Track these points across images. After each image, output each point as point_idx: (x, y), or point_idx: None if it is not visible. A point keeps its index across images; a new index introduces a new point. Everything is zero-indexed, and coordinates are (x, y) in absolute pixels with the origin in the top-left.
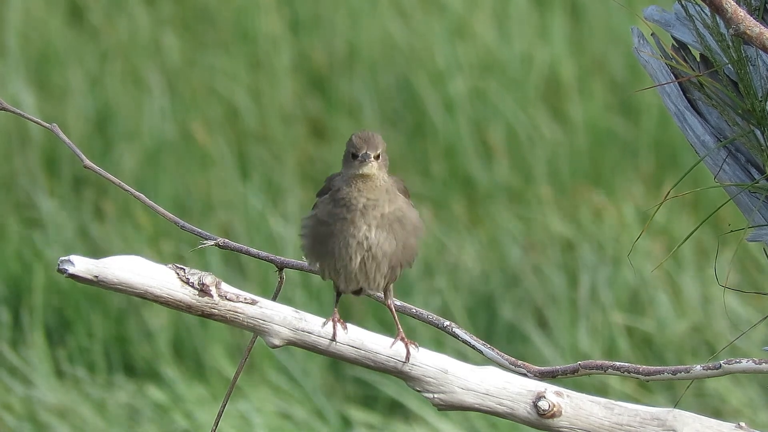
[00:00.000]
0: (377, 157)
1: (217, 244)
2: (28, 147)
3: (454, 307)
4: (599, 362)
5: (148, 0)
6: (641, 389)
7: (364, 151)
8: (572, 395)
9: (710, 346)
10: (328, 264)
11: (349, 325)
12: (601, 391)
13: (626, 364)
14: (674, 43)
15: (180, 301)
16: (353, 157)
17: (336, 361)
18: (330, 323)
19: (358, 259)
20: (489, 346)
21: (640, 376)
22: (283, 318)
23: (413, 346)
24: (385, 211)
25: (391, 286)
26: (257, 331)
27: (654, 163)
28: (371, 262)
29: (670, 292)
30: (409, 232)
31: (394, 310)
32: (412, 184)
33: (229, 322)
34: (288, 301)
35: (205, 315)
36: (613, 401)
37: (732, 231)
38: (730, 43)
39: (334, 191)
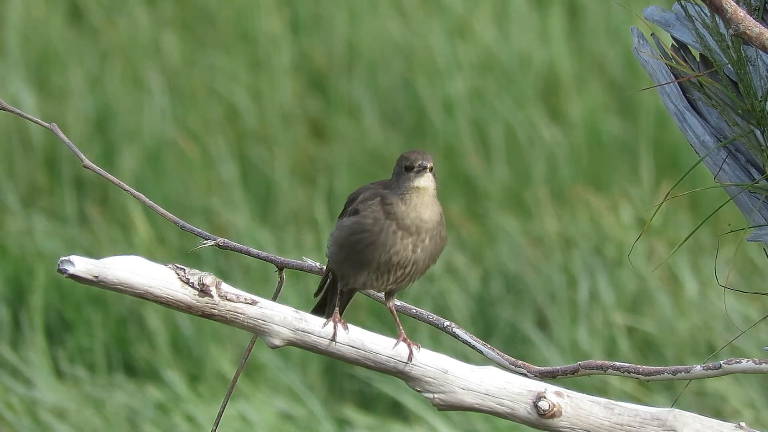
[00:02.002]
0: (431, 170)
1: (217, 244)
2: (28, 147)
3: (454, 307)
4: (599, 362)
5: (148, 0)
6: (641, 389)
7: (420, 162)
8: (572, 395)
9: (710, 346)
10: (359, 275)
11: (349, 325)
12: (601, 391)
13: (626, 364)
14: (674, 43)
15: (180, 302)
16: (407, 169)
17: (336, 362)
18: (330, 323)
19: (398, 274)
20: (489, 346)
21: (640, 376)
22: (283, 318)
23: (415, 346)
24: (434, 232)
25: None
26: (257, 331)
27: (653, 164)
28: (403, 276)
29: (670, 293)
30: (439, 249)
31: (395, 312)
32: None
33: (230, 322)
34: (294, 301)
35: (206, 315)
36: (613, 401)
37: (732, 231)
38: (730, 43)
39: (387, 204)
